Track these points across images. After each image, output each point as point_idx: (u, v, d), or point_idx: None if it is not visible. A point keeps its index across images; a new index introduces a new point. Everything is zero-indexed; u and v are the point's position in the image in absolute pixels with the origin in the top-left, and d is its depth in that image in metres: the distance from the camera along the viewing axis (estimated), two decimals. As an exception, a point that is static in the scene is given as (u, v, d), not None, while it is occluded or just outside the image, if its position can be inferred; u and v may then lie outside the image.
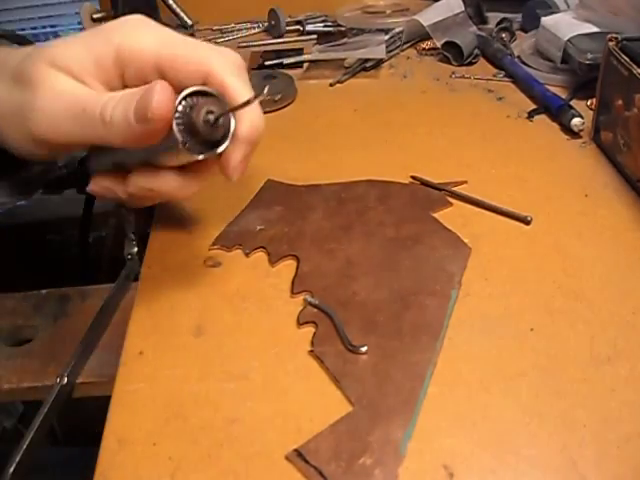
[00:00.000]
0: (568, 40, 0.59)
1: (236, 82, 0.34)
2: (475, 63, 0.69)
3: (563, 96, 0.57)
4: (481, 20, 0.76)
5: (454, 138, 0.53)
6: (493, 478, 0.27)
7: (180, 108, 0.32)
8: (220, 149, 0.33)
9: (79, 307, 0.47)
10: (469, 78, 0.65)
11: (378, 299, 0.36)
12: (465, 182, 0.46)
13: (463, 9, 0.74)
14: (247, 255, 0.41)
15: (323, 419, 0.30)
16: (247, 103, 0.32)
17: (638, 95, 0.43)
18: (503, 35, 0.71)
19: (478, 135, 0.53)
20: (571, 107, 0.53)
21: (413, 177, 0.47)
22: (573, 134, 0.52)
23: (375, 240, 0.40)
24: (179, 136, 0.32)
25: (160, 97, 0.31)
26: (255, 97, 0.31)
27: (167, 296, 0.38)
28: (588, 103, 0.57)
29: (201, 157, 0.33)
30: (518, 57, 0.66)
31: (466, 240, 0.40)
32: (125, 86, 0.35)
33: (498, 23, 0.73)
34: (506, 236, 0.41)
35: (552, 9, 0.71)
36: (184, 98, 0.32)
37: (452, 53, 0.68)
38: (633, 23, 0.57)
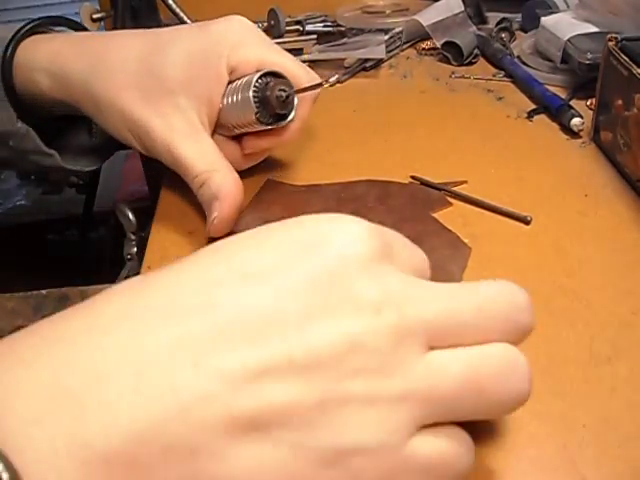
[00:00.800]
0: (568, 40, 0.59)
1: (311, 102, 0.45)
2: (475, 63, 0.69)
3: (563, 96, 0.57)
4: (481, 20, 0.76)
5: (454, 138, 0.53)
6: (493, 478, 0.27)
7: (257, 84, 0.41)
8: (287, 120, 0.42)
9: (79, 307, 0.47)
10: (469, 78, 0.65)
11: None
12: (465, 182, 0.46)
13: (463, 9, 0.74)
14: None
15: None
16: (313, 87, 0.42)
17: (638, 95, 0.43)
18: (503, 35, 0.71)
19: (478, 135, 0.53)
20: (571, 107, 0.53)
21: (413, 177, 0.47)
22: (573, 134, 0.52)
23: None
24: (254, 107, 0.40)
25: (212, 229, 0.40)
26: (320, 84, 0.42)
27: (167, 296, 0.38)
28: (588, 103, 0.57)
29: (271, 127, 0.42)
30: (518, 57, 0.66)
31: (466, 240, 0.40)
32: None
33: (498, 23, 0.73)
34: (506, 236, 0.41)
35: (552, 9, 0.71)
36: (261, 76, 0.41)
37: (452, 53, 0.68)
38: (633, 23, 0.57)
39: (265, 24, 0.86)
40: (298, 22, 0.83)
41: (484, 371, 0.23)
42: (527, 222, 0.42)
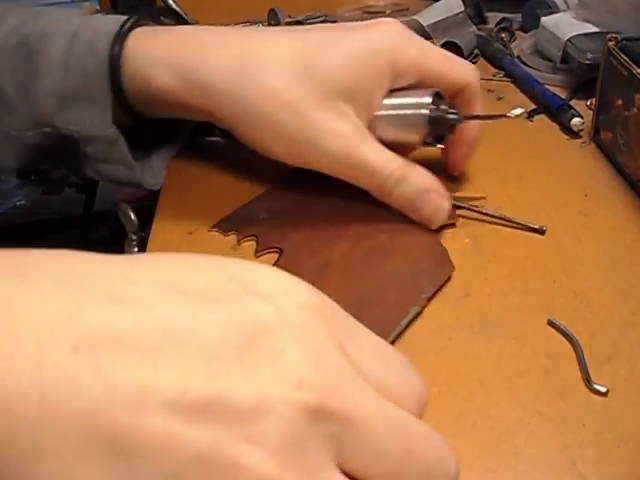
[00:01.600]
0: (568, 40, 0.59)
1: (479, 100, 0.42)
2: (475, 63, 0.68)
3: (563, 96, 0.57)
4: (481, 20, 0.76)
5: (454, 138, 0.53)
6: (493, 478, 0.27)
7: (432, 104, 0.40)
8: (443, 143, 0.42)
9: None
10: (469, 78, 0.65)
11: (335, 292, 0.34)
12: (483, 198, 0.44)
13: (463, 9, 0.74)
14: (239, 242, 0.41)
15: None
16: (491, 117, 0.42)
17: (638, 95, 0.43)
18: (503, 35, 0.71)
19: (478, 135, 0.53)
20: (571, 107, 0.53)
21: None
22: (573, 134, 0.52)
23: (363, 245, 0.39)
24: (426, 126, 0.40)
25: (441, 218, 0.40)
26: (502, 115, 0.42)
27: (167, 296, 0.38)
28: (588, 103, 0.57)
29: (439, 146, 0.42)
30: (518, 57, 0.66)
31: (466, 240, 0.40)
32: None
33: (498, 23, 0.72)
34: (506, 236, 0.41)
35: (552, 9, 0.71)
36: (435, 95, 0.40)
37: (452, 53, 0.68)
38: (633, 23, 0.57)
39: (265, 24, 0.86)
40: (298, 22, 0.83)
41: None
42: (542, 232, 0.41)
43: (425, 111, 0.39)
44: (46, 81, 0.41)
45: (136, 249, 0.44)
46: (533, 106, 0.57)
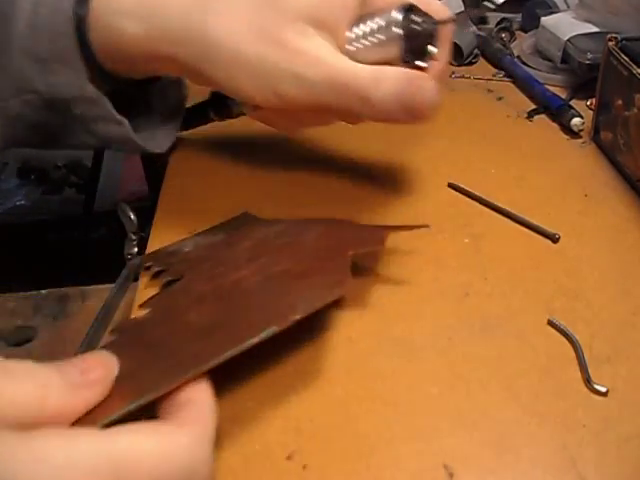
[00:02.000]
0: (568, 40, 0.59)
1: (451, 41, 0.42)
2: (475, 63, 0.69)
3: (563, 96, 0.57)
4: (481, 20, 0.76)
5: (454, 138, 0.53)
6: (493, 478, 0.27)
7: (403, 19, 0.37)
8: (429, 56, 0.39)
9: (79, 307, 0.47)
10: (469, 78, 0.65)
11: (198, 318, 0.33)
12: (427, 226, 0.39)
13: (463, 9, 0.74)
14: (152, 275, 0.39)
15: (323, 418, 0.30)
16: (452, 20, 0.39)
17: (638, 95, 0.43)
18: (503, 35, 0.71)
19: (478, 135, 0.53)
20: (571, 107, 0.53)
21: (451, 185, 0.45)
22: (573, 134, 0.52)
23: (262, 273, 0.35)
24: (402, 44, 0.37)
25: (433, 99, 0.37)
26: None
27: (167, 296, 0.38)
28: (588, 103, 0.57)
29: (420, 63, 0.39)
30: (518, 57, 0.66)
31: (466, 240, 0.40)
32: None
33: (498, 23, 0.73)
34: (506, 236, 0.41)
35: (552, 9, 0.71)
36: (406, 10, 0.37)
37: (452, 53, 0.68)
38: (633, 23, 0.57)
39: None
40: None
41: None
42: (555, 240, 0.40)
43: (398, 30, 0.37)
44: (19, 45, 0.40)
45: (136, 249, 0.44)
46: (533, 106, 0.57)
